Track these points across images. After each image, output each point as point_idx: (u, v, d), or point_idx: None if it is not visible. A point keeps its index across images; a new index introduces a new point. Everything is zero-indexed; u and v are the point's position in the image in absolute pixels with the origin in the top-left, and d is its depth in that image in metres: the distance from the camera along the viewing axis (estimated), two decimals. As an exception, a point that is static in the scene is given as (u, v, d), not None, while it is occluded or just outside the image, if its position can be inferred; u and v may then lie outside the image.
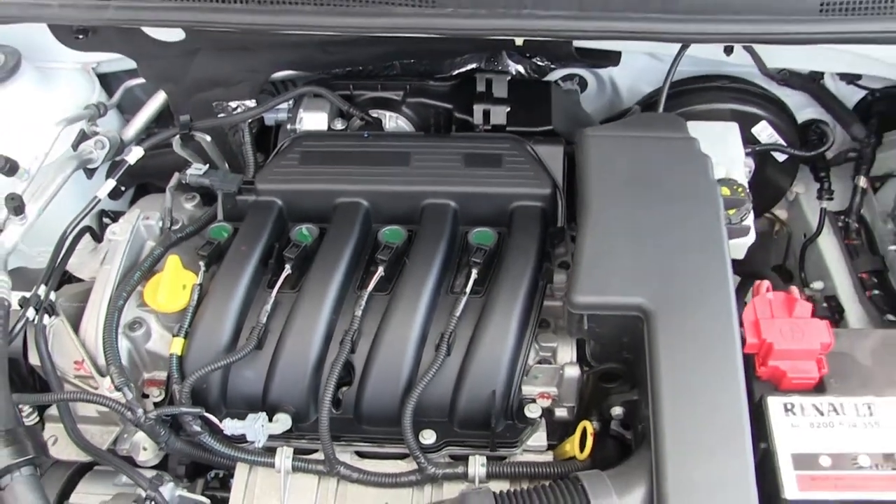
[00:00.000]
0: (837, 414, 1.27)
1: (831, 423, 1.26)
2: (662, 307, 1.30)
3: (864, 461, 1.22)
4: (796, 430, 1.25)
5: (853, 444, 1.24)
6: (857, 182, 1.97)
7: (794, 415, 1.27)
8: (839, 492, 1.20)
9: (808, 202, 2.11)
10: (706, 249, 1.37)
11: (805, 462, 1.22)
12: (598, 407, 1.48)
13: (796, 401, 1.28)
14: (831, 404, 1.28)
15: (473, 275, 1.49)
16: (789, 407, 1.28)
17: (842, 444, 1.24)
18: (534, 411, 1.44)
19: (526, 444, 1.43)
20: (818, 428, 1.26)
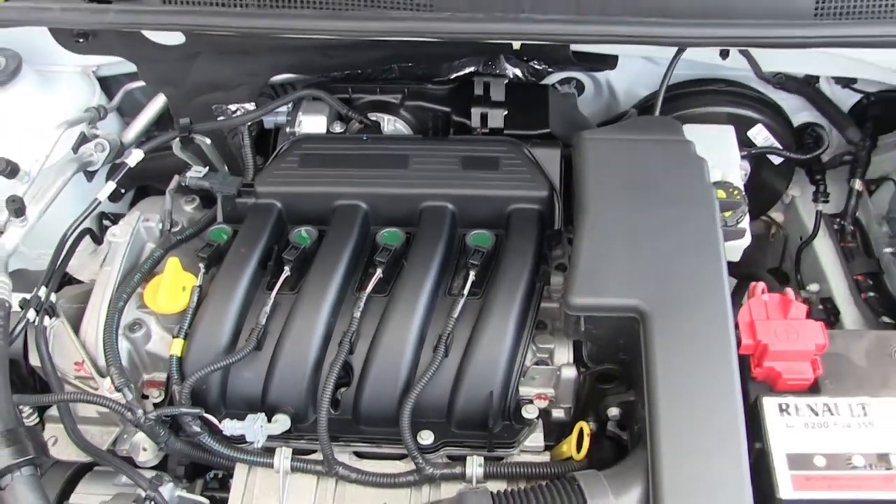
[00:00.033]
0: (832, 414, 1.28)
1: (826, 423, 1.27)
2: (658, 309, 1.30)
3: (858, 461, 1.23)
4: (791, 430, 1.26)
5: (847, 444, 1.25)
6: (852, 185, 1.98)
7: (789, 415, 1.28)
8: (833, 492, 1.21)
9: (804, 205, 2.12)
10: (702, 252, 1.38)
11: (800, 462, 1.23)
12: (594, 408, 1.48)
13: (791, 401, 1.29)
14: (826, 405, 1.29)
15: (471, 277, 1.49)
16: (784, 407, 1.28)
17: (836, 445, 1.25)
18: (531, 412, 1.45)
19: (523, 444, 1.43)
20: (813, 428, 1.26)
